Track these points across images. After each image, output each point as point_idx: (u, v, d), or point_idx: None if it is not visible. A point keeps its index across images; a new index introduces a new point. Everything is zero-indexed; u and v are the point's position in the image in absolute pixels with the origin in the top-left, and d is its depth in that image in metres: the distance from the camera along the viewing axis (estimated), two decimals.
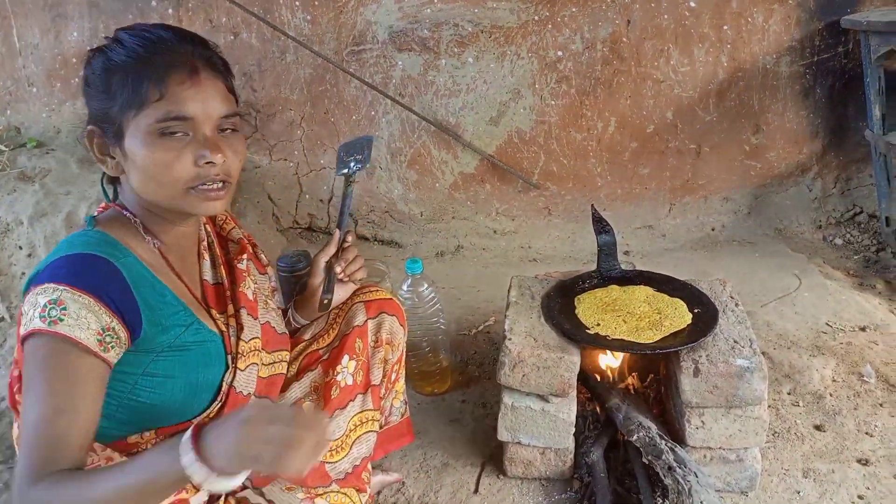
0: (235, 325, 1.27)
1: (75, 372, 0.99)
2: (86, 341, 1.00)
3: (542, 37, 2.88)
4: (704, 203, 3.13)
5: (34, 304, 0.99)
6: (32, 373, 0.98)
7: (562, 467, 1.78)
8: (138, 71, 1.06)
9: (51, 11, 3.05)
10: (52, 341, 0.98)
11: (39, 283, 1.01)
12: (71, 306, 0.99)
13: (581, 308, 1.84)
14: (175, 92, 1.07)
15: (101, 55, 1.11)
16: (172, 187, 1.09)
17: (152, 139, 1.07)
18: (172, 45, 1.10)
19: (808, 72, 2.93)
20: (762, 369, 1.60)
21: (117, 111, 1.07)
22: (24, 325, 1.01)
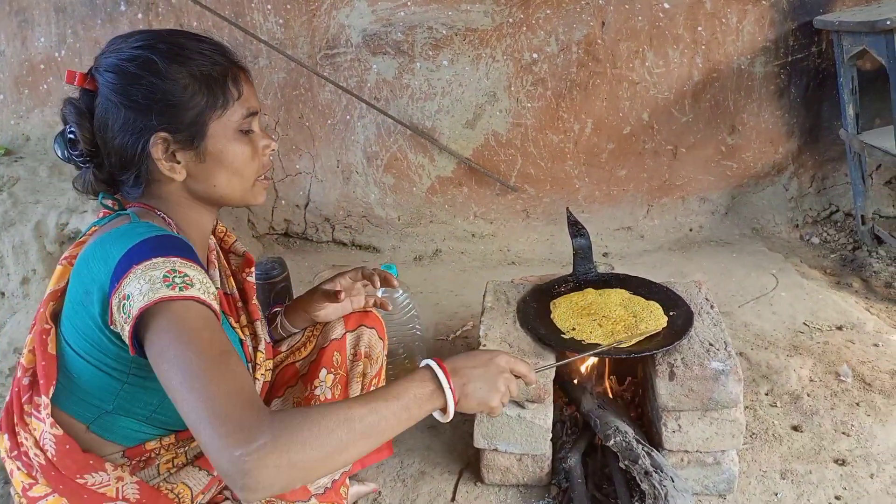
0: (250, 335, 1.29)
1: (216, 326, 0.98)
2: (212, 303, 1.00)
3: (516, 39, 2.86)
4: (682, 204, 3.13)
5: (148, 279, 0.95)
6: (180, 332, 0.93)
7: (539, 473, 1.76)
8: (221, 73, 1.11)
9: (16, 17, 2.99)
10: (188, 303, 0.96)
11: (139, 261, 0.97)
12: (190, 272, 0.99)
13: (556, 312, 1.82)
14: (247, 90, 1.15)
15: (169, 61, 1.08)
16: (250, 179, 1.16)
17: (238, 135, 1.13)
18: (225, 49, 1.16)
19: (782, 72, 2.95)
20: (737, 372, 1.59)
21: (196, 114, 1.09)
22: (138, 300, 0.94)
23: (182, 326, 0.94)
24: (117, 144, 1.10)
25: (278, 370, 1.51)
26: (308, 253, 3.16)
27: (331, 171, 3.10)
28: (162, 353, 0.93)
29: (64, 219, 2.75)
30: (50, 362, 1.10)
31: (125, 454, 1.15)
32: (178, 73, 1.08)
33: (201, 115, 1.10)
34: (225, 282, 1.31)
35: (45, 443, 1.11)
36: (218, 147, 1.12)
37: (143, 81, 1.07)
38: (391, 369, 2.06)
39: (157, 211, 1.15)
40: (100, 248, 1.04)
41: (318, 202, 3.14)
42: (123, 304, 0.96)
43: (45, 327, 1.11)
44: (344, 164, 3.09)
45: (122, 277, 0.97)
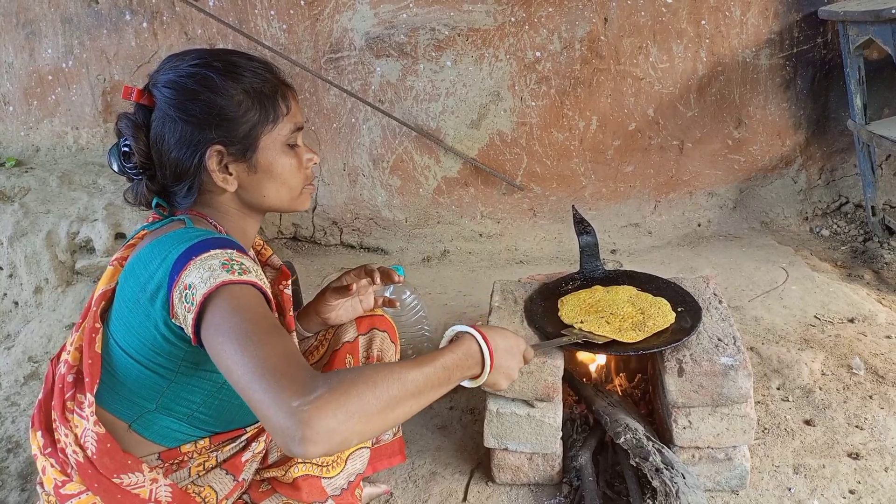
0: None
1: (269, 313, 1.02)
2: (266, 289, 1.06)
3: (519, 38, 2.86)
4: (689, 199, 3.11)
5: (209, 267, 1.01)
6: (238, 316, 0.96)
7: (550, 472, 1.76)
8: (271, 90, 1.18)
9: (24, 29, 3.02)
10: (246, 288, 1.01)
11: (197, 254, 1.03)
12: (245, 262, 1.05)
13: (564, 310, 1.82)
14: (293, 106, 1.22)
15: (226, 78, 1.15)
16: (296, 189, 1.23)
17: (286, 149, 1.20)
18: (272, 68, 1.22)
19: (788, 64, 2.93)
20: (746, 366, 1.58)
21: (249, 128, 1.16)
22: (201, 287, 0.98)
23: (239, 303, 0.98)
24: (173, 157, 1.15)
25: None
26: (317, 256, 3.17)
27: (337, 175, 3.11)
28: (219, 328, 0.95)
29: (75, 228, 2.77)
30: (95, 361, 1.13)
31: (160, 456, 1.18)
32: (233, 89, 1.15)
33: (254, 129, 1.16)
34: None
35: (87, 440, 1.13)
36: (268, 159, 1.18)
37: (201, 97, 1.14)
38: None
39: (208, 218, 1.20)
40: (157, 248, 1.09)
41: (326, 205, 3.16)
42: (186, 294, 1.00)
43: (96, 326, 1.15)
44: (350, 167, 3.09)
45: (182, 270, 1.02)
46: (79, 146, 3.18)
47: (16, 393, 2.32)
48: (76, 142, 3.17)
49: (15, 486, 1.89)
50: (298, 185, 1.23)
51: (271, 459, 1.40)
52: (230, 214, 1.22)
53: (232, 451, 1.24)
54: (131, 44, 2.99)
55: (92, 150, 3.17)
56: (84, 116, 3.13)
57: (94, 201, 2.84)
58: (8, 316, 2.73)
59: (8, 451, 2.04)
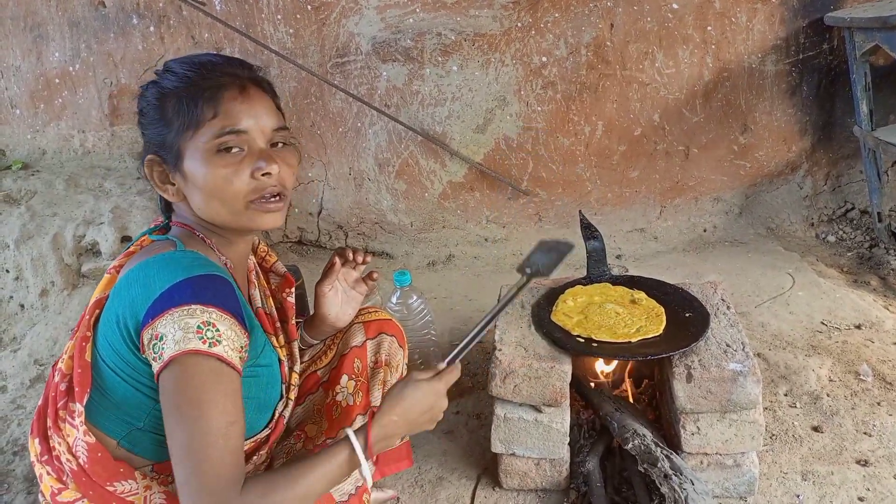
0: (287, 356, 1.31)
1: (231, 387, 1.03)
2: (234, 361, 1.04)
3: (525, 43, 2.86)
4: (695, 204, 3.11)
5: (183, 326, 0.99)
6: (197, 391, 0.99)
7: (558, 478, 1.76)
8: (192, 93, 1.11)
9: (31, 32, 3.03)
10: (212, 361, 1.01)
11: (179, 304, 1.01)
12: (221, 327, 1.02)
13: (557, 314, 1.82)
14: (228, 108, 1.11)
15: (154, 85, 1.15)
16: (233, 202, 1.12)
17: (211, 156, 1.10)
18: (221, 66, 1.15)
19: (794, 70, 2.92)
20: (756, 373, 1.58)
21: (174, 136, 1.11)
22: (171, 346, 1.00)
23: (200, 389, 1.00)
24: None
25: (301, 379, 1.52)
26: (322, 260, 3.17)
27: (343, 179, 3.12)
28: (176, 409, 1.00)
29: (81, 231, 2.78)
30: (85, 370, 1.12)
31: (154, 468, 1.17)
32: (162, 96, 1.13)
33: (177, 135, 1.12)
34: (265, 301, 1.32)
35: (78, 449, 1.13)
36: (190, 168, 1.12)
37: (144, 106, 1.15)
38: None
39: (197, 232, 1.18)
40: (144, 272, 1.06)
41: (331, 209, 3.16)
42: (155, 344, 1.01)
43: (87, 334, 1.14)
44: (356, 171, 3.10)
45: (158, 316, 1.01)
46: (85, 149, 3.18)
47: (21, 396, 2.32)
48: (83, 145, 3.18)
49: (21, 489, 1.89)
50: (234, 197, 1.12)
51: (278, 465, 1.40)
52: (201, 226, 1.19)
53: None
54: (138, 47, 2.99)
55: (98, 154, 3.18)
56: (91, 120, 3.14)
57: (100, 204, 2.85)
58: (14, 319, 2.73)
59: (14, 454, 2.03)
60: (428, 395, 1.17)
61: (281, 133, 1.18)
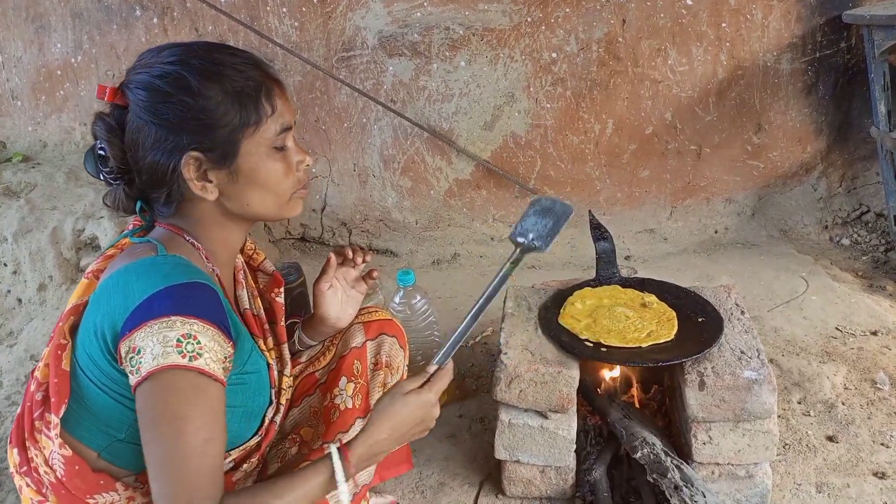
0: (276, 358, 1.26)
1: (212, 402, 1.00)
2: (216, 373, 1.00)
3: (535, 38, 2.81)
4: (707, 205, 3.05)
5: (162, 339, 0.96)
6: (175, 407, 0.96)
7: (563, 486, 1.71)
8: (254, 89, 1.07)
9: (33, 23, 2.99)
10: (192, 376, 0.97)
11: (157, 315, 0.97)
12: (203, 339, 0.98)
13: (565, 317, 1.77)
14: (280, 105, 1.11)
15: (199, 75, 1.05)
16: (284, 195, 1.14)
17: (272, 153, 1.10)
18: (259, 63, 1.12)
19: (810, 69, 2.86)
20: (771, 381, 1.52)
21: (229, 132, 1.06)
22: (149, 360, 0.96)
23: (177, 405, 0.96)
24: (148, 163, 1.08)
25: (298, 381, 1.48)
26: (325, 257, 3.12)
27: (347, 175, 3.07)
28: (152, 424, 0.97)
29: (80, 225, 2.74)
30: (62, 379, 1.07)
31: (138, 479, 1.13)
32: (210, 90, 1.05)
33: (234, 133, 1.07)
34: (252, 302, 1.27)
35: (54, 462, 1.08)
36: (251, 165, 1.09)
37: (174, 99, 1.04)
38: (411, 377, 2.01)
39: (185, 235, 1.12)
40: (123, 280, 1.02)
41: (335, 206, 3.11)
42: (132, 357, 0.97)
43: (62, 342, 1.08)
44: (360, 167, 3.05)
45: (136, 328, 0.97)
46: (87, 142, 3.14)
47: (17, 392, 2.28)
48: (84, 138, 3.14)
49: (12, 489, 1.85)
50: (287, 190, 1.14)
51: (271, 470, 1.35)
52: (212, 225, 1.14)
53: None
54: (141, 39, 2.95)
55: None
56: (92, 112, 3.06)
57: (100, 198, 2.80)
58: (11, 313, 2.70)
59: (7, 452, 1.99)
60: (417, 408, 1.13)
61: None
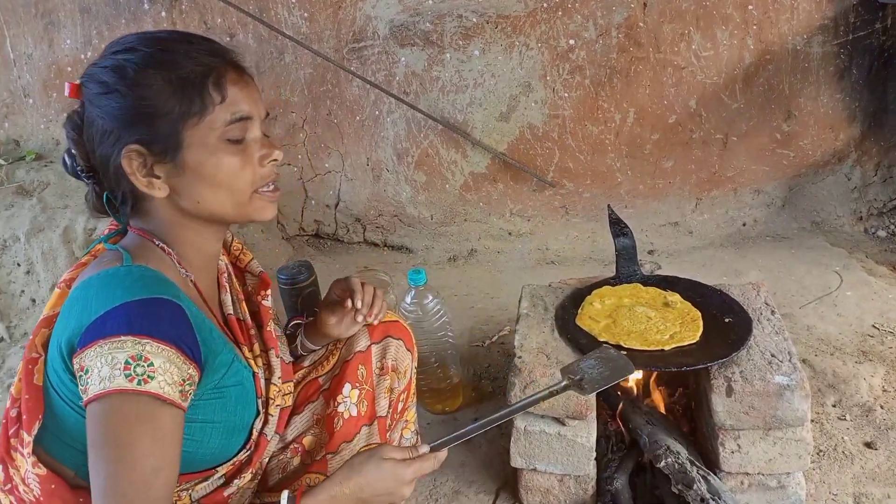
0: (263, 365, 1.19)
1: (165, 428, 0.94)
2: (172, 396, 0.93)
3: (552, 25, 2.71)
4: (734, 196, 2.93)
5: (110, 361, 0.90)
6: (120, 433, 0.91)
7: (583, 496, 1.63)
8: (199, 75, 0.99)
9: (43, 19, 2.97)
10: (141, 400, 0.91)
11: (109, 334, 0.91)
12: (156, 361, 0.92)
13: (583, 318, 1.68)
14: (234, 93, 1.02)
15: (134, 64, 0.99)
16: (242, 193, 1.05)
17: (221, 144, 1.02)
18: (214, 46, 1.04)
19: (842, 51, 2.73)
20: (804, 387, 1.43)
21: (171, 123, 0.99)
22: (95, 383, 0.90)
23: (123, 432, 0.90)
24: (98, 158, 1.02)
25: (300, 387, 1.42)
26: (339, 254, 3.07)
27: (361, 170, 3.00)
28: (96, 448, 0.91)
29: (92, 224, 2.71)
30: (34, 396, 1.02)
31: None
32: (151, 78, 0.98)
33: (175, 123, 0.99)
34: (238, 306, 1.21)
35: (30, 482, 1.03)
36: (196, 158, 1.01)
37: (114, 90, 0.99)
38: (422, 380, 1.95)
39: (154, 240, 1.06)
40: (84, 293, 0.97)
41: (349, 201, 3.04)
42: (81, 376, 0.92)
43: (34, 356, 1.03)
44: (374, 161, 2.98)
45: (87, 346, 0.91)
46: None
47: None
48: None
49: None
50: (244, 188, 1.04)
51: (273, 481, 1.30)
52: (177, 227, 1.07)
53: (207, 489, 1.13)
54: None
55: None
56: None
57: None
58: (25, 314, 2.68)
59: None
60: (388, 478, 1.05)
61: (267, 119, 1.09)
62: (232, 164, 1.02)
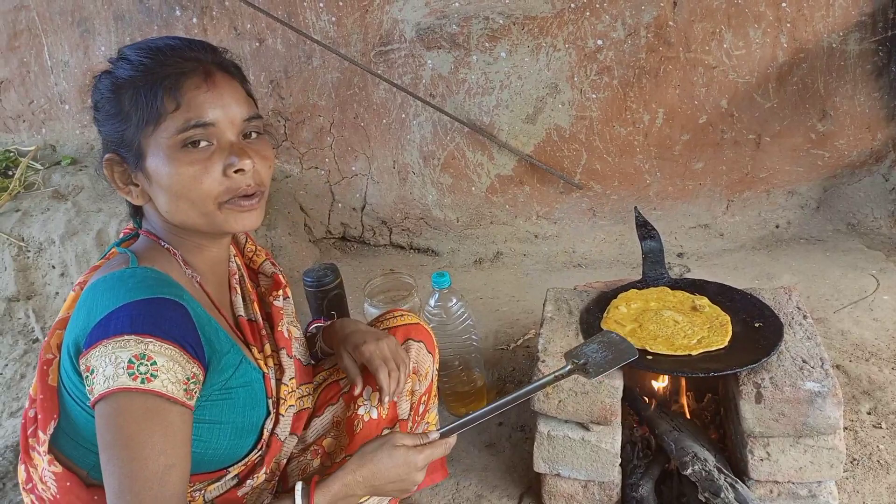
0: (274, 366, 1.19)
1: (173, 426, 0.94)
2: (176, 395, 0.94)
3: (579, 26, 2.68)
4: (767, 198, 2.87)
5: (114, 360, 0.91)
6: (130, 432, 0.92)
7: (607, 502, 1.61)
8: (150, 83, 0.99)
9: (79, 27, 3.04)
10: (147, 399, 0.92)
11: (112, 334, 0.92)
12: (159, 360, 0.93)
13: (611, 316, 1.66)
14: (192, 98, 0.99)
15: (108, 76, 1.03)
16: (204, 203, 1.01)
17: (175, 153, 0.99)
18: (182, 51, 1.02)
19: (880, 49, 2.65)
20: (836, 394, 1.39)
21: (133, 131, 1.00)
22: (100, 382, 0.92)
23: (132, 431, 0.91)
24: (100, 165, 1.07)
25: (320, 389, 1.42)
26: (366, 257, 3.08)
27: (387, 172, 3.01)
28: (107, 449, 0.92)
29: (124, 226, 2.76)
30: (48, 396, 1.04)
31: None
32: (122, 87, 1.00)
33: (137, 132, 1.00)
34: (249, 307, 1.21)
35: (47, 480, 1.06)
36: (154, 167, 1.00)
37: (98, 99, 1.04)
38: (446, 382, 1.94)
39: (161, 242, 1.08)
40: (91, 295, 0.98)
41: (375, 204, 3.06)
42: (87, 377, 0.93)
43: (48, 357, 1.05)
44: (400, 164, 2.98)
45: (92, 347, 0.93)
46: None
47: None
48: None
49: None
50: (205, 198, 1.00)
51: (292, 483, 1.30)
52: (170, 231, 1.08)
53: (219, 489, 1.13)
54: None
55: None
56: None
57: None
58: None
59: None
60: (400, 465, 1.08)
61: (253, 123, 1.06)
62: (187, 174, 0.99)
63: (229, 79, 1.05)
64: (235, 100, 1.03)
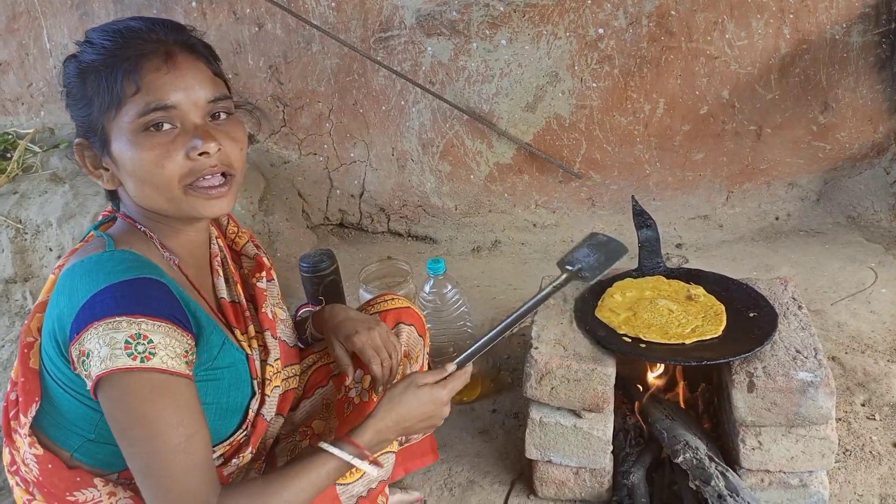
0: (258, 347, 1.19)
1: (182, 397, 0.95)
2: (178, 369, 0.95)
3: (580, 14, 2.66)
4: (767, 189, 2.86)
5: (109, 341, 0.90)
6: (142, 411, 0.92)
7: (599, 489, 1.61)
8: (110, 66, 0.97)
9: (77, 10, 3.02)
10: (151, 376, 0.92)
11: (101, 316, 0.91)
12: (155, 338, 0.93)
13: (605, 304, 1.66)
14: (151, 81, 0.97)
15: (73, 60, 1.02)
16: (169, 188, 0.99)
17: (137, 137, 0.97)
18: (142, 33, 1.00)
19: (883, 41, 2.63)
20: (829, 384, 1.39)
21: (97, 116, 0.99)
22: (97, 364, 0.91)
23: (144, 408, 0.91)
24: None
25: (310, 372, 1.42)
26: (363, 244, 3.07)
27: (386, 159, 3.00)
28: (124, 432, 0.93)
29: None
30: (30, 379, 1.04)
31: (121, 476, 1.09)
32: (86, 71, 0.99)
33: (100, 115, 0.99)
34: (232, 289, 1.21)
35: (28, 462, 1.06)
36: (117, 151, 0.99)
37: (67, 84, 1.03)
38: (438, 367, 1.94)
39: (138, 225, 1.06)
40: (69, 280, 0.96)
41: (373, 191, 3.05)
42: (83, 360, 0.92)
43: (29, 340, 1.05)
44: (399, 151, 2.97)
45: (82, 331, 0.91)
46: None
47: None
48: None
49: None
50: (168, 181, 0.98)
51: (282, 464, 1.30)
52: (144, 215, 1.06)
53: None
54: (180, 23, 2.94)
55: None
56: None
57: None
58: None
59: None
60: (427, 403, 1.13)
61: (221, 104, 1.03)
62: (148, 158, 0.97)
63: (193, 59, 1.02)
64: (199, 81, 1.01)
